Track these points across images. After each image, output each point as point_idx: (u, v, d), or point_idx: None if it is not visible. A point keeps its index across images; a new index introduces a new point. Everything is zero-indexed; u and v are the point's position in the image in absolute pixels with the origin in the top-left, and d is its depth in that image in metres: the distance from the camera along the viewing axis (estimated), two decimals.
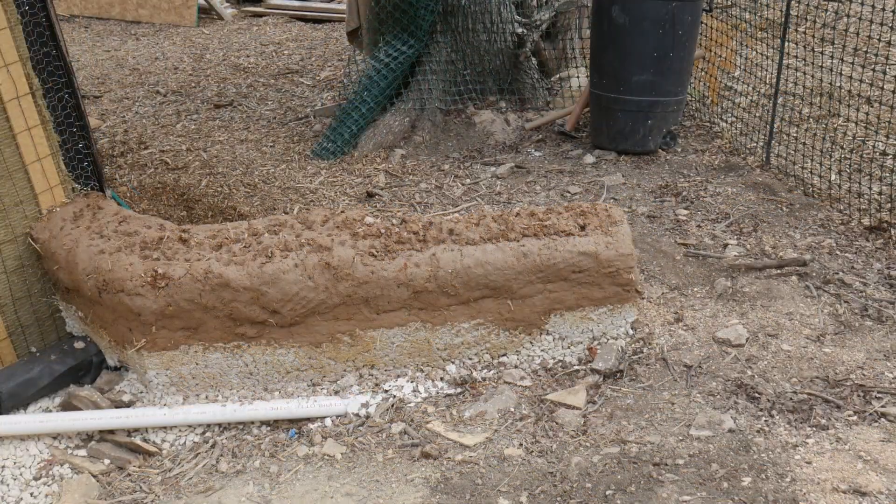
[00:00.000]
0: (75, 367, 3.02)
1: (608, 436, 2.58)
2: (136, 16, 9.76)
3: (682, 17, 4.33)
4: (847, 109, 4.70)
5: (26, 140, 2.93)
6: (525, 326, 2.97)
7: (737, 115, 4.93)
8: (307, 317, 2.84)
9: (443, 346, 2.96)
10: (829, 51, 5.36)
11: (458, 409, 2.78)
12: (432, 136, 5.14)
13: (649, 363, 2.90)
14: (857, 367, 2.78)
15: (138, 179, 4.83)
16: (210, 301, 2.76)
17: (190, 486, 2.62)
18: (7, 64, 2.82)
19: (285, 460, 2.67)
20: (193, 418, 2.83)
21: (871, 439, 2.46)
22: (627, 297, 2.96)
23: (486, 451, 2.57)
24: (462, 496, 2.40)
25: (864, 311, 3.08)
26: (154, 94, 6.75)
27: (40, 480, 2.72)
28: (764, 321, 3.07)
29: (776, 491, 2.29)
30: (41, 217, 3.06)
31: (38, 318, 3.13)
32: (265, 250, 2.80)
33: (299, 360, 2.92)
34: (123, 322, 2.84)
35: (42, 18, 2.93)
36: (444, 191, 4.46)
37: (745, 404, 2.65)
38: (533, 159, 4.76)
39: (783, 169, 4.28)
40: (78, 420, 2.80)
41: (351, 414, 2.80)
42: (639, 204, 4.05)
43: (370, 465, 2.58)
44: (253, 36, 8.64)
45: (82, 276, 2.86)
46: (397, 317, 2.89)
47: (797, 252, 3.51)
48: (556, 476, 2.44)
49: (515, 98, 5.49)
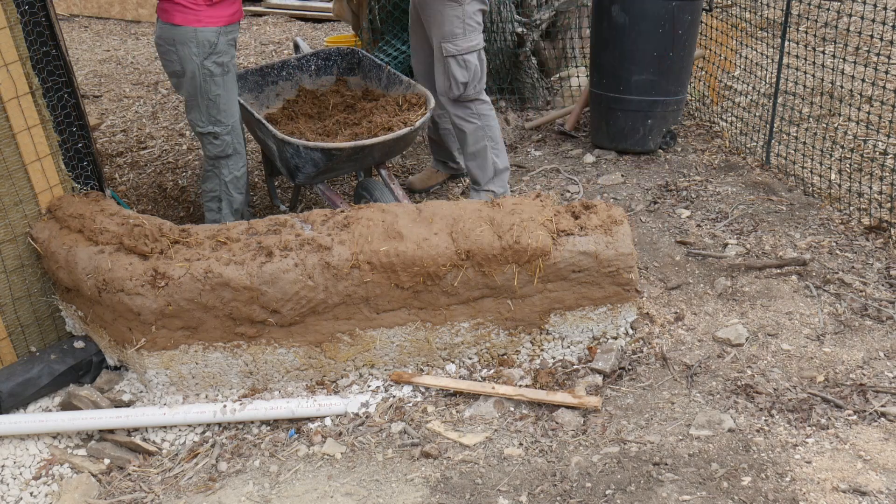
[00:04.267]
0: (75, 367, 3.02)
1: (608, 435, 2.58)
2: (136, 15, 9.76)
3: (681, 16, 4.33)
4: (847, 109, 4.70)
5: (26, 139, 2.93)
6: (525, 326, 2.97)
7: (737, 115, 4.93)
8: (307, 316, 2.84)
9: (442, 346, 2.96)
10: (829, 50, 5.36)
11: (458, 408, 2.78)
12: None
13: (649, 363, 2.90)
14: (857, 366, 2.78)
15: (138, 179, 4.83)
16: (210, 300, 2.76)
17: (190, 485, 2.62)
18: (7, 63, 2.82)
19: (285, 460, 2.67)
20: (193, 418, 2.83)
21: (870, 439, 2.46)
22: (627, 297, 2.96)
23: (486, 451, 2.58)
24: (462, 496, 2.40)
25: (864, 311, 3.08)
26: (154, 94, 6.75)
27: (40, 480, 2.72)
28: (764, 321, 3.07)
29: (776, 490, 2.29)
30: (42, 216, 3.06)
31: (37, 317, 3.13)
32: (265, 250, 2.81)
33: (299, 360, 2.92)
34: (123, 321, 2.84)
35: (42, 18, 2.93)
36: (444, 190, 4.46)
37: (744, 404, 2.65)
38: (533, 158, 4.77)
39: (783, 168, 4.28)
40: (78, 420, 2.80)
41: (351, 413, 2.80)
42: (638, 203, 4.05)
43: (370, 464, 2.58)
44: (253, 35, 8.64)
45: (82, 276, 2.86)
46: (397, 316, 2.89)
47: (797, 252, 3.51)
48: (556, 476, 2.44)
49: (515, 97, 5.49)
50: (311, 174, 3.48)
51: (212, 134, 3.47)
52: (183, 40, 3.29)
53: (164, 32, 3.35)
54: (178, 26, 3.28)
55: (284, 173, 3.68)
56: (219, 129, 3.46)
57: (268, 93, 4.05)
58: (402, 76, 3.84)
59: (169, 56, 3.38)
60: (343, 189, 4.62)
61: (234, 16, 3.39)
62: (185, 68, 3.36)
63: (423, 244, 2.80)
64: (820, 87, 4.83)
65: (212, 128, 3.45)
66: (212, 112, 3.43)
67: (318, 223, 2.91)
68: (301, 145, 3.32)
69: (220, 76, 3.37)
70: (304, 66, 4.06)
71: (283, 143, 3.36)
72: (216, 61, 3.34)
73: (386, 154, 3.68)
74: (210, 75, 3.35)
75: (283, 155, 3.45)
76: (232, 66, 3.43)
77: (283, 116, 3.85)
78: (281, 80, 4.01)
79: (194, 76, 3.36)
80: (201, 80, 3.36)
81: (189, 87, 3.42)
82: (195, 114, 3.47)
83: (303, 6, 9.42)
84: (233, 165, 3.56)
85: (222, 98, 3.41)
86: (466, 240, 2.80)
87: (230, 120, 3.47)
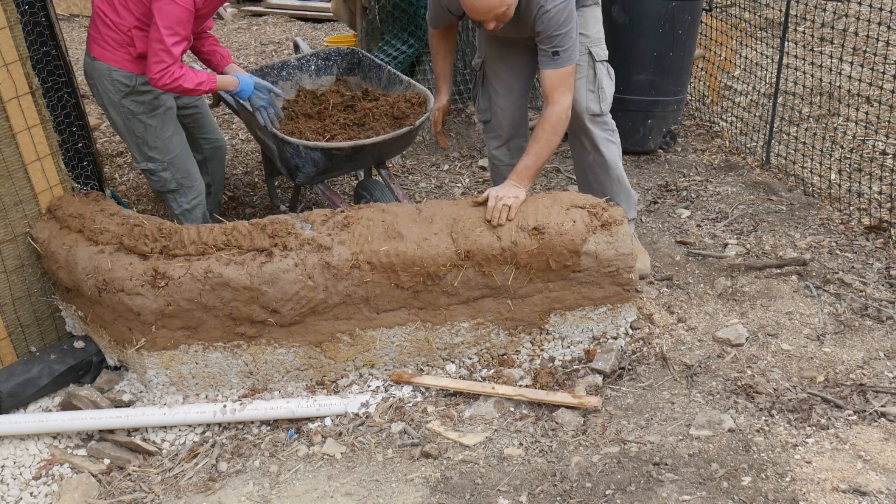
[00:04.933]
0: (75, 367, 3.02)
1: (608, 435, 2.58)
2: None
3: (681, 16, 4.33)
4: (847, 109, 4.70)
5: (26, 139, 2.93)
6: (525, 326, 2.97)
7: (737, 115, 4.93)
8: (307, 316, 2.84)
9: (442, 346, 2.96)
10: (829, 50, 5.36)
11: (458, 408, 2.78)
12: (432, 136, 5.14)
13: (649, 363, 2.90)
14: (857, 366, 2.79)
15: (138, 179, 4.83)
16: (210, 300, 2.76)
17: (190, 485, 2.62)
18: (7, 63, 2.82)
19: (285, 460, 2.67)
20: (193, 418, 2.83)
21: (870, 439, 2.46)
22: (627, 297, 2.96)
23: (486, 451, 2.58)
24: (462, 496, 2.40)
25: (864, 311, 3.08)
26: None
27: (40, 480, 2.72)
28: (764, 321, 3.07)
29: (776, 490, 2.29)
30: (42, 216, 3.06)
31: (37, 317, 3.13)
32: (265, 249, 2.80)
33: (299, 360, 2.92)
34: (123, 321, 2.84)
35: (42, 18, 2.92)
36: (444, 190, 4.46)
37: (744, 404, 2.65)
38: None
39: (783, 168, 4.28)
40: (77, 420, 2.80)
41: (351, 413, 2.80)
42: (638, 203, 4.05)
43: (370, 464, 2.58)
44: (253, 35, 8.63)
45: (82, 276, 2.86)
46: (397, 316, 2.89)
47: (797, 252, 3.51)
48: (556, 476, 2.44)
49: None
50: (311, 174, 3.48)
51: (147, 171, 3.33)
52: (98, 76, 3.13)
53: (85, 63, 3.18)
54: (95, 59, 3.12)
55: (284, 173, 3.68)
56: (153, 166, 3.31)
57: None
58: (402, 76, 3.83)
59: (92, 89, 3.22)
60: (343, 189, 4.62)
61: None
62: (104, 104, 3.21)
63: (423, 244, 2.80)
64: (820, 88, 4.83)
65: (146, 164, 3.31)
66: (142, 149, 3.28)
67: (318, 223, 2.91)
68: (301, 145, 3.32)
69: (144, 114, 3.20)
70: (304, 66, 4.06)
71: (283, 142, 3.36)
72: (136, 101, 3.17)
73: (385, 154, 3.67)
74: (131, 114, 3.18)
75: (283, 155, 3.45)
76: (160, 104, 3.23)
77: (284, 116, 3.85)
78: (281, 80, 4.01)
79: (114, 115, 3.21)
80: (123, 119, 3.21)
81: (113, 123, 3.27)
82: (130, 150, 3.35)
83: (303, 6, 9.42)
84: (181, 199, 3.41)
85: (151, 135, 3.24)
86: (466, 240, 2.80)
87: (166, 156, 3.29)
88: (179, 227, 2.86)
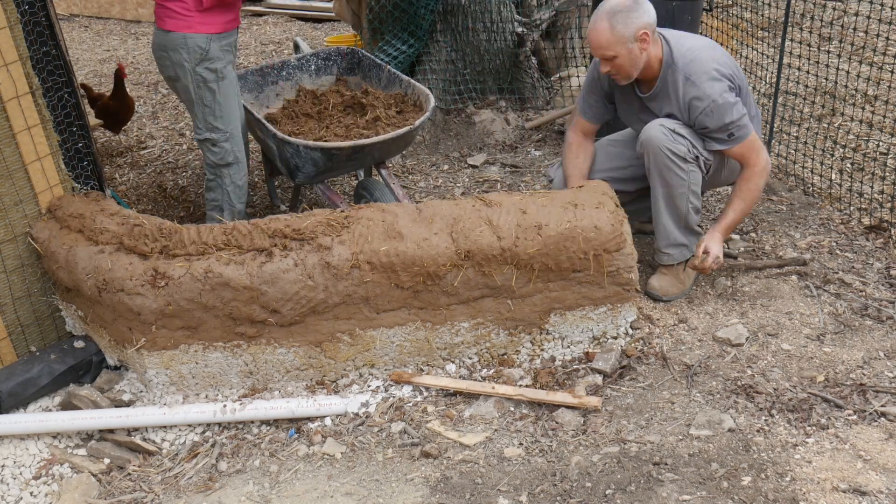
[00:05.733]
0: (75, 367, 3.02)
1: (608, 435, 2.58)
2: (136, 15, 9.76)
3: (681, 16, 4.32)
4: (848, 108, 4.70)
5: (26, 139, 2.93)
6: (525, 326, 2.97)
7: None
8: (307, 316, 2.84)
9: (442, 346, 2.96)
10: (829, 49, 5.36)
11: (458, 408, 2.78)
12: (432, 136, 5.14)
13: (649, 363, 2.90)
14: (857, 366, 2.78)
15: (138, 179, 4.83)
16: (210, 300, 2.76)
17: (190, 485, 2.62)
18: (7, 63, 2.82)
19: (285, 460, 2.67)
20: (193, 418, 2.83)
21: (870, 439, 2.46)
22: (627, 297, 2.96)
23: (486, 451, 2.58)
24: (462, 496, 2.40)
25: (864, 311, 3.08)
26: (154, 94, 6.75)
27: (40, 480, 2.72)
28: (764, 320, 3.07)
29: (776, 490, 2.29)
30: (42, 216, 3.06)
31: (37, 317, 3.13)
32: (265, 249, 2.80)
33: (299, 360, 2.92)
34: (123, 321, 2.84)
35: (42, 18, 2.93)
36: (444, 190, 4.46)
37: (744, 404, 2.65)
38: (533, 158, 4.76)
39: (783, 168, 4.28)
40: (77, 419, 2.80)
41: (351, 413, 2.80)
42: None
43: (370, 464, 2.58)
44: (253, 35, 8.63)
45: (82, 276, 2.86)
46: (397, 316, 2.89)
47: (797, 251, 3.51)
48: (556, 475, 2.44)
49: (515, 97, 5.49)
50: (311, 174, 3.48)
51: (209, 140, 3.46)
52: (174, 46, 3.30)
53: (157, 38, 3.38)
54: (169, 32, 3.30)
55: (284, 173, 3.68)
56: (216, 136, 3.45)
57: (268, 93, 4.05)
58: (402, 76, 3.83)
59: (163, 62, 3.40)
60: (343, 189, 4.62)
61: (230, 24, 3.38)
62: (178, 74, 3.37)
63: (423, 244, 2.80)
64: (820, 87, 4.83)
65: (209, 134, 3.45)
66: (208, 118, 3.42)
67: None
68: (301, 145, 3.32)
69: (215, 82, 3.36)
70: (304, 66, 4.06)
71: (283, 142, 3.36)
72: (209, 67, 3.33)
73: (385, 154, 3.67)
74: (203, 81, 3.35)
75: (283, 155, 3.45)
76: (228, 73, 3.41)
77: (283, 116, 3.85)
78: (281, 80, 4.01)
79: (188, 82, 3.36)
80: (195, 87, 3.37)
81: (183, 93, 3.43)
82: (194, 120, 3.48)
83: (303, 6, 9.42)
84: (234, 175, 3.55)
85: (218, 104, 3.40)
86: (466, 240, 2.80)
87: (228, 127, 3.45)
88: (179, 227, 2.86)
